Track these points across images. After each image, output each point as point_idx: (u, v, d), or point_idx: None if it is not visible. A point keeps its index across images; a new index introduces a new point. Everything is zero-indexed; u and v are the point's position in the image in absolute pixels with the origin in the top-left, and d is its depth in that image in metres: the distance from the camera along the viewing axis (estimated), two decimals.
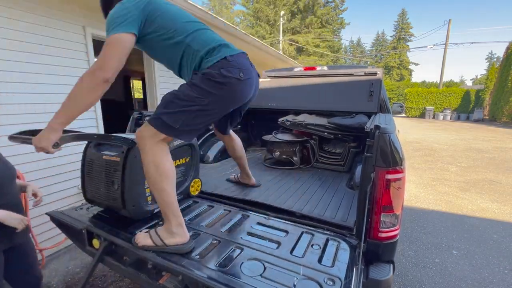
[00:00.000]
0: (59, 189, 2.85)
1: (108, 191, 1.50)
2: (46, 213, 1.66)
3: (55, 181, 2.79)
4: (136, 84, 10.05)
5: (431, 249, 2.96)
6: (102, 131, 3.21)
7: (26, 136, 1.20)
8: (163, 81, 4.26)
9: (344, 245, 1.33)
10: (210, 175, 2.49)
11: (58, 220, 1.59)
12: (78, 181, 2.99)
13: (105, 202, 1.54)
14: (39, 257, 2.68)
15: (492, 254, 2.87)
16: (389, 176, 1.29)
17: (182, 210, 1.74)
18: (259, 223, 1.55)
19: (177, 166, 1.76)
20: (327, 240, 1.37)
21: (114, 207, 1.51)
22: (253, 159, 3.26)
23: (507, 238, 3.18)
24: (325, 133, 2.84)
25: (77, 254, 2.86)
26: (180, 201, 1.89)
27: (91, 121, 3.09)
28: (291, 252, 1.26)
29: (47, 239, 2.77)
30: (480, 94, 19.10)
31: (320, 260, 1.20)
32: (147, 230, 1.34)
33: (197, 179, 1.97)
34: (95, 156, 1.55)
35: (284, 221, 1.59)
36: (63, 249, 2.94)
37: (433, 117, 20.40)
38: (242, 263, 1.16)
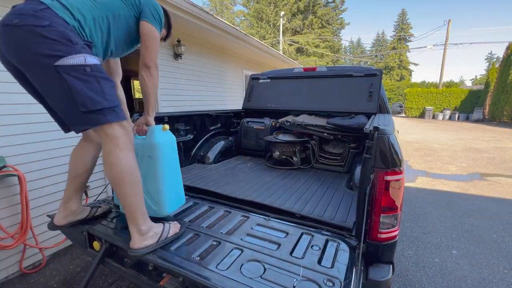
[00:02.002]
0: (60, 189, 2.85)
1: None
2: (47, 215, 1.66)
3: (55, 181, 2.80)
4: (137, 84, 10.05)
5: (431, 249, 2.96)
6: None
7: None
8: (164, 81, 4.27)
9: (343, 246, 1.34)
10: (210, 176, 2.49)
11: None
12: None
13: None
14: (39, 257, 2.69)
15: (492, 254, 2.87)
16: (388, 178, 1.30)
17: (183, 212, 1.75)
18: (259, 224, 1.56)
19: None
20: (327, 241, 1.38)
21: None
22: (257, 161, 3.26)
23: (506, 238, 3.18)
24: (325, 134, 2.85)
25: (78, 254, 2.86)
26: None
27: None
28: (291, 253, 1.26)
29: (48, 238, 2.77)
30: (480, 94, 19.11)
31: (319, 261, 1.20)
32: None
33: None
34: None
35: (284, 222, 1.60)
36: (63, 248, 2.95)
37: (433, 117, 20.41)
38: (242, 264, 1.16)
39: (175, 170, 1.66)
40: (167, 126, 1.66)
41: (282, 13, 23.82)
